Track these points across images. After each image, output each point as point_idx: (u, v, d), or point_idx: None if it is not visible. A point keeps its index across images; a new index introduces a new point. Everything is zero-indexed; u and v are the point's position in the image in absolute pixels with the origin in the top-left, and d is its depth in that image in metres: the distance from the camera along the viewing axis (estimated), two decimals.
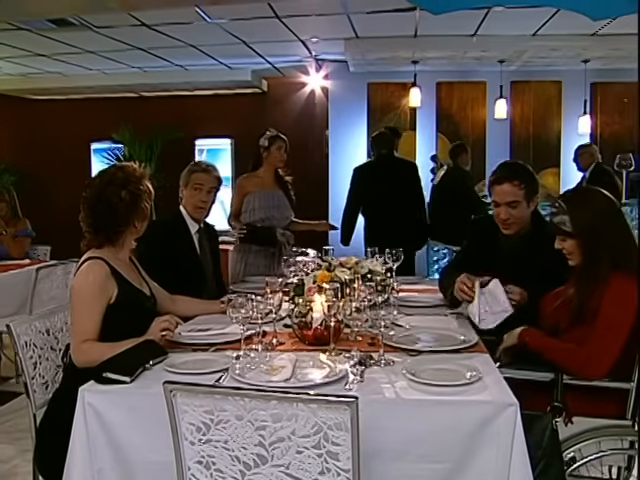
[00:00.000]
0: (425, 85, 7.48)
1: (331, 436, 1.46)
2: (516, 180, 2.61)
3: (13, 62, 7.36)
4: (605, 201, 2.16)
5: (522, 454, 1.58)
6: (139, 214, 2.33)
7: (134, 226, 2.34)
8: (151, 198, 2.40)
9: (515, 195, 2.61)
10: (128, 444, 1.73)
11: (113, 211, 2.25)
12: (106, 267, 2.23)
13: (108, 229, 2.28)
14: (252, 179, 4.35)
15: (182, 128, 8.91)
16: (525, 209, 2.66)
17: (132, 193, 2.28)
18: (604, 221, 2.10)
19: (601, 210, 2.13)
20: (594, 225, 2.09)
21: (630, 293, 1.98)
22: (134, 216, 2.32)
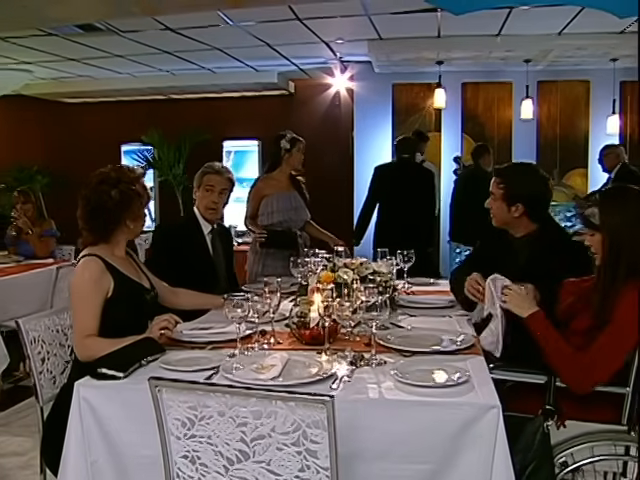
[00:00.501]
0: (450, 86, 7.44)
1: (309, 434, 1.49)
2: (499, 178, 2.68)
3: (45, 67, 7.58)
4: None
5: (504, 456, 1.58)
6: (130, 213, 2.39)
7: (126, 225, 2.41)
8: (145, 200, 2.45)
9: (493, 188, 2.70)
10: (121, 438, 1.78)
11: (103, 209, 2.33)
12: (101, 263, 2.31)
13: (100, 227, 2.36)
14: (269, 181, 4.39)
15: (210, 130, 9.03)
16: (504, 211, 2.65)
17: (123, 192, 2.35)
18: (633, 224, 2.01)
19: (634, 212, 2.03)
20: (621, 224, 2.01)
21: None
22: (125, 215, 2.38)
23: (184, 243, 3.27)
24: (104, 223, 2.36)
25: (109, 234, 2.40)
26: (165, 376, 1.75)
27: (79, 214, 2.39)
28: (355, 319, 2.01)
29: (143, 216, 2.49)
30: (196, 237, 3.36)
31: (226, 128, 9.23)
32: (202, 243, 3.39)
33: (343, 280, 2.55)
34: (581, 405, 1.99)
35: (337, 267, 2.71)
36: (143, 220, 2.50)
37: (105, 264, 2.33)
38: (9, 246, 4.73)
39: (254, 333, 2.21)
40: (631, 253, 1.99)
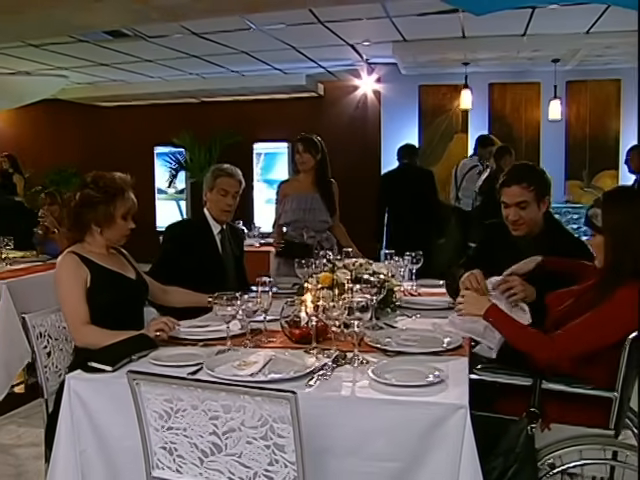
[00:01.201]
0: (477, 87, 7.38)
1: (276, 428, 1.53)
2: (524, 182, 2.60)
3: (79, 72, 7.82)
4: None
5: (472, 457, 1.58)
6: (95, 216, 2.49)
7: (93, 228, 2.52)
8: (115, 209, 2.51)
9: (524, 196, 2.60)
10: (108, 429, 1.86)
11: (71, 209, 2.53)
12: (75, 257, 2.46)
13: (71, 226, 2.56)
14: (292, 183, 4.53)
15: (240, 132, 9.17)
16: (535, 211, 2.63)
17: (84, 195, 2.48)
18: (636, 225, 1.96)
19: (637, 213, 1.98)
20: (624, 226, 1.97)
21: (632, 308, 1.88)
22: (89, 217, 2.49)
23: (194, 242, 3.34)
24: (72, 222, 2.54)
25: (79, 234, 2.55)
26: (152, 371, 1.82)
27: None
28: (341, 319, 2.03)
29: (116, 226, 2.55)
30: (206, 237, 3.43)
31: (256, 130, 9.34)
32: (212, 242, 3.44)
33: (340, 281, 2.59)
34: (568, 408, 1.98)
35: (337, 268, 2.75)
36: (117, 230, 2.56)
37: (80, 258, 2.47)
38: (37, 246, 4.91)
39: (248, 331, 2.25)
40: (634, 254, 1.96)
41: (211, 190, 3.42)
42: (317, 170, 4.45)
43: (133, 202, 2.61)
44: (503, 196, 2.66)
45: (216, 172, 3.47)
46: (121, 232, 2.58)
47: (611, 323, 1.91)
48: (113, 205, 2.52)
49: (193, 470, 1.66)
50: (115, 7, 4.43)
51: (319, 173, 4.46)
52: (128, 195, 2.59)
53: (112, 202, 2.52)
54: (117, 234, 2.58)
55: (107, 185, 2.53)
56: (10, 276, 3.97)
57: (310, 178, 4.42)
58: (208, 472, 1.64)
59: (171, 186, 10.01)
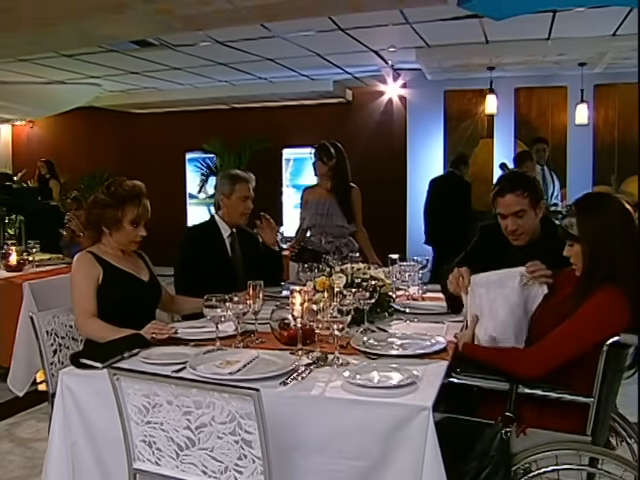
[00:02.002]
0: (503, 91, 7.34)
1: (243, 424, 1.60)
2: (518, 190, 2.57)
3: (111, 80, 8.06)
4: (618, 210, 2.03)
5: (435, 458, 1.61)
6: (104, 220, 2.64)
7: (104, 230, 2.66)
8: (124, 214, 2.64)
9: (520, 204, 2.57)
10: (96, 422, 1.95)
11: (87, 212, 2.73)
12: (89, 256, 2.64)
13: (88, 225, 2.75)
14: (314, 189, 4.68)
15: (270, 138, 9.30)
16: (533, 218, 2.61)
17: (95, 199, 2.67)
18: (611, 230, 1.98)
19: (611, 218, 2.00)
20: (599, 232, 1.98)
21: (607, 308, 1.91)
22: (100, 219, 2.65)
23: (204, 245, 3.45)
24: (87, 222, 2.74)
25: (95, 234, 2.71)
26: (141, 368, 1.91)
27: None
28: (323, 322, 2.08)
29: (124, 231, 2.66)
30: (215, 240, 3.51)
31: (285, 136, 9.46)
32: (221, 245, 3.53)
33: (335, 285, 2.64)
34: (545, 414, 1.98)
35: (334, 272, 2.80)
36: (124, 235, 2.67)
37: (95, 257, 2.63)
38: (64, 249, 5.11)
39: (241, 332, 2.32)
40: (609, 259, 1.96)
41: (229, 196, 3.49)
42: (333, 176, 4.54)
43: (145, 209, 2.70)
44: (498, 207, 2.63)
45: (234, 179, 3.55)
46: (129, 237, 2.68)
47: (588, 327, 1.92)
48: (122, 210, 2.64)
49: (170, 463, 1.74)
50: (139, 18, 4.57)
51: (336, 179, 4.55)
52: (140, 202, 2.68)
53: (121, 207, 2.64)
54: (125, 239, 2.68)
55: (117, 190, 2.66)
56: (33, 277, 4.15)
57: (328, 184, 4.53)
58: (184, 465, 1.72)
59: (202, 191, 10.21)
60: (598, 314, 1.90)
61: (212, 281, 3.10)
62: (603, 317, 1.89)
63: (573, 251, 2.03)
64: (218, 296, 2.22)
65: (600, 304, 1.91)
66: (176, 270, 3.46)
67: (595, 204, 2.09)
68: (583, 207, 2.06)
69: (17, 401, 3.92)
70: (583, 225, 2.00)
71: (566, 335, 1.93)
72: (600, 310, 1.90)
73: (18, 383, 3.85)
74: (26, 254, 4.48)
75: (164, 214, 6.75)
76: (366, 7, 4.61)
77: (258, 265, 3.56)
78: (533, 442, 1.95)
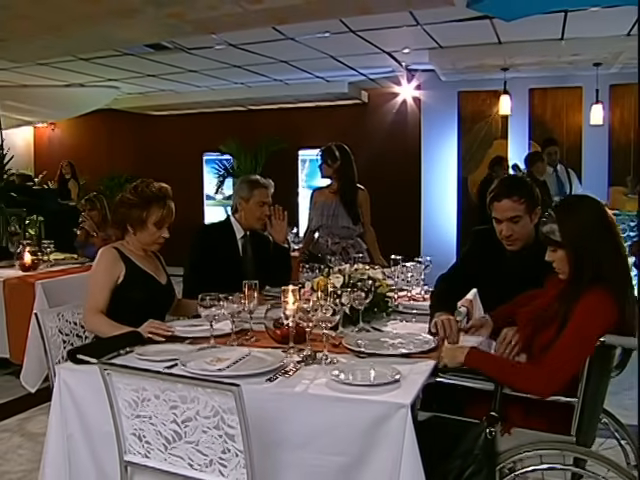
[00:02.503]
0: (517, 92, 7.31)
1: (226, 419, 1.64)
2: (515, 195, 2.56)
3: (129, 83, 8.20)
4: (596, 211, 2.05)
5: (413, 455, 1.64)
6: (130, 219, 2.71)
7: (128, 229, 2.73)
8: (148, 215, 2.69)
9: (516, 210, 2.56)
10: (91, 416, 2.01)
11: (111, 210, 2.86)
12: (114, 252, 2.69)
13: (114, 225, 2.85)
14: (322, 191, 4.74)
15: (286, 139, 9.38)
16: (528, 223, 2.59)
17: (122, 200, 2.73)
18: (592, 231, 2.00)
19: (591, 220, 2.02)
20: (582, 234, 2.00)
21: (599, 312, 1.91)
22: (125, 219, 2.72)
23: (217, 244, 3.51)
24: (113, 219, 2.87)
25: (120, 232, 2.78)
26: (135, 364, 1.98)
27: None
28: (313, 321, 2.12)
29: (147, 231, 2.73)
30: (228, 240, 3.58)
31: (301, 137, 9.52)
32: (234, 246, 3.59)
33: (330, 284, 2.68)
34: (532, 414, 2.00)
35: (332, 272, 2.84)
36: (148, 235, 2.74)
37: (120, 254, 2.69)
38: (78, 249, 5.23)
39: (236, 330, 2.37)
40: (594, 260, 1.97)
41: (247, 201, 3.55)
42: (339, 178, 4.59)
43: (170, 211, 2.76)
44: (494, 212, 2.62)
45: (252, 184, 3.61)
46: (152, 238, 2.74)
47: (587, 334, 1.90)
48: (147, 211, 2.70)
49: (159, 456, 1.80)
50: (150, 22, 4.66)
51: (341, 181, 4.60)
52: (165, 204, 2.74)
53: (146, 207, 2.70)
54: (149, 239, 2.74)
55: (144, 191, 2.73)
56: (46, 277, 4.26)
57: (335, 185, 4.59)
58: (171, 458, 1.78)
59: (218, 192, 10.32)
60: (593, 318, 1.90)
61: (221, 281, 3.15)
62: (598, 320, 1.89)
63: (556, 256, 2.04)
64: (212, 295, 2.27)
65: (592, 307, 1.91)
66: (186, 268, 3.53)
67: (574, 208, 2.09)
68: (563, 212, 2.07)
69: (29, 397, 4.01)
70: (565, 230, 2.01)
71: (569, 347, 1.91)
72: (594, 314, 1.90)
73: (30, 380, 3.95)
74: (40, 254, 4.59)
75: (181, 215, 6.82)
76: (374, 10, 4.65)
77: (269, 266, 3.61)
78: (518, 442, 1.96)
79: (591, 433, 2.02)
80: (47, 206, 7.96)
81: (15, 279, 4.24)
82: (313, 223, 4.65)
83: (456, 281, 2.72)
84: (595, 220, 2.02)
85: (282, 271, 3.73)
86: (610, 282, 1.94)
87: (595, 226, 2.01)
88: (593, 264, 1.96)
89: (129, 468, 1.87)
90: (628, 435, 2.32)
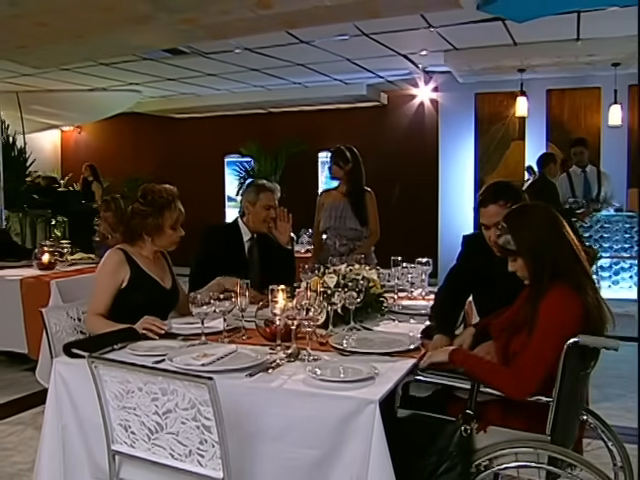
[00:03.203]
0: (535, 93, 7.28)
1: (203, 411, 1.72)
2: (501, 200, 2.58)
3: (150, 86, 8.38)
4: (544, 215, 2.13)
5: (381, 450, 1.69)
6: (145, 227, 2.75)
7: (143, 237, 2.77)
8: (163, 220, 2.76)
9: (502, 215, 2.56)
10: (84, 408, 2.10)
11: (123, 221, 2.86)
12: (121, 254, 2.72)
13: (124, 232, 2.83)
14: (330, 193, 4.81)
15: (306, 141, 9.47)
16: None
17: (135, 210, 2.77)
18: (544, 234, 2.08)
19: (540, 224, 2.10)
20: (534, 239, 2.07)
21: (563, 306, 1.97)
22: (140, 228, 2.75)
23: (224, 244, 3.58)
24: (125, 229, 2.82)
25: (131, 240, 2.81)
26: (127, 359, 2.06)
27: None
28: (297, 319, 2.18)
29: (165, 235, 2.80)
30: (235, 241, 3.64)
31: (321, 139, 9.59)
32: (240, 247, 3.66)
33: (327, 284, 2.75)
34: (509, 413, 2.03)
35: (327, 272, 2.90)
36: (166, 238, 2.81)
37: (127, 257, 2.74)
38: (95, 249, 5.37)
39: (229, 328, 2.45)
40: (550, 261, 2.04)
41: (254, 204, 3.62)
42: (348, 180, 4.64)
43: (181, 212, 2.84)
44: (482, 217, 2.63)
45: (259, 188, 3.69)
46: (170, 240, 2.82)
47: (554, 329, 1.95)
48: (162, 217, 2.76)
49: (143, 446, 1.88)
50: (163, 28, 4.79)
51: (350, 182, 4.65)
52: (175, 206, 2.81)
53: (160, 214, 2.76)
54: (167, 242, 2.83)
55: (155, 199, 2.77)
56: (62, 276, 4.41)
57: (344, 187, 4.64)
58: (154, 448, 1.86)
59: (239, 194, 10.45)
60: (555, 315, 1.95)
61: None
62: (560, 317, 1.94)
63: (517, 265, 2.11)
64: (202, 293, 2.36)
65: (554, 306, 1.97)
66: (192, 267, 3.62)
67: (524, 216, 2.17)
68: (514, 221, 2.15)
69: (45, 392, 4.14)
70: (518, 239, 2.08)
71: (538, 347, 1.96)
72: (555, 311, 1.96)
73: (45, 375, 4.06)
74: (58, 254, 4.74)
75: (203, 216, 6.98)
76: (382, 13, 4.70)
77: (274, 268, 3.68)
78: (495, 440, 1.99)
79: (568, 433, 2.04)
80: (71, 207, 8.18)
81: (32, 278, 4.40)
82: (321, 225, 4.70)
83: (453, 291, 2.74)
84: (545, 223, 2.10)
85: (286, 272, 3.79)
86: (568, 278, 2.01)
87: (546, 229, 2.09)
88: (550, 264, 2.03)
89: (117, 457, 1.96)
90: (614, 437, 2.33)
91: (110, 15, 4.42)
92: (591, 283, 2.03)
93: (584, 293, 1.97)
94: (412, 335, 2.43)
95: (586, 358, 2.01)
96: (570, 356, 1.92)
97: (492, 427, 2.02)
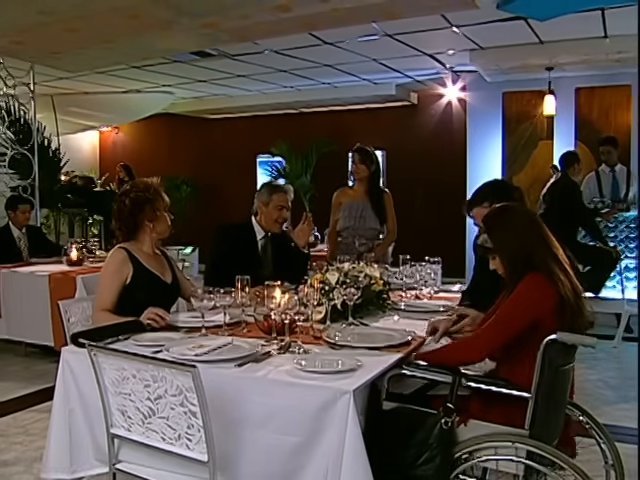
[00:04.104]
0: (563, 92, 7.21)
1: (189, 397, 1.83)
2: (485, 202, 2.70)
3: (182, 88, 8.60)
4: (518, 213, 2.25)
5: (356, 439, 1.77)
6: (146, 215, 2.89)
7: (145, 225, 2.92)
8: (159, 204, 2.92)
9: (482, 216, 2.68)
10: (88, 393, 2.23)
11: (123, 214, 2.90)
12: (124, 253, 2.86)
13: (124, 228, 2.92)
14: (347, 191, 4.86)
15: (336, 141, 9.53)
16: None
17: (133, 199, 2.88)
18: (518, 232, 2.18)
19: (515, 223, 2.20)
20: (509, 237, 2.18)
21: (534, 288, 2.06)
22: (142, 216, 2.90)
23: (237, 242, 3.69)
24: (126, 224, 2.91)
25: (133, 233, 2.95)
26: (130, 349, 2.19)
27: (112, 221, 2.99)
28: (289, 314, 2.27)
29: (162, 218, 2.97)
30: (249, 239, 3.75)
31: (352, 139, 9.57)
32: (253, 245, 3.77)
33: (328, 281, 2.83)
34: (491, 408, 2.08)
35: (330, 269, 2.99)
36: (164, 221, 2.98)
37: (129, 255, 2.88)
38: None
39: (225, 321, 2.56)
40: (525, 256, 2.12)
41: (267, 205, 3.72)
42: (370, 180, 4.71)
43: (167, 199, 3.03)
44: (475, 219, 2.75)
45: (271, 189, 3.79)
46: (166, 224, 3.00)
47: (519, 307, 2.08)
48: (156, 201, 2.94)
49: (138, 430, 2.01)
50: (186, 32, 4.95)
51: (372, 183, 4.72)
52: (163, 193, 3.01)
53: (155, 199, 2.94)
54: (164, 226, 2.99)
55: (147, 186, 2.96)
56: (88, 271, 4.62)
57: (363, 187, 4.71)
58: (148, 432, 1.99)
59: None
60: (526, 294, 2.06)
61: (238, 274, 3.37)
62: (531, 297, 2.05)
63: (497, 263, 2.21)
64: (205, 289, 2.47)
65: (526, 287, 2.08)
66: (207, 265, 3.75)
67: (499, 216, 2.28)
68: (490, 222, 2.27)
69: None
70: (495, 237, 2.20)
71: (501, 318, 2.10)
72: (527, 291, 2.07)
73: None
74: (86, 250, 4.95)
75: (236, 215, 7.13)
76: (399, 14, 4.76)
77: (286, 265, 3.78)
78: (475, 433, 2.05)
79: (549, 428, 2.07)
80: (106, 207, 8.43)
81: (60, 273, 4.62)
82: (340, 225, 4.73)
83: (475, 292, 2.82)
84: (519, 222, 2.20)
85: (298, 271, 3.89)
86: (543, 269, 2.08)
87: (519, 227, 2.19)
88: (524, 258, 2.12)
89: (116, 440, 2.09)
90: (605, 435, 2.35)
91: (135, 21, 4.60)
92: (569, 283, 2.07)
93: (560, 283, 2.04)
94: (408, 331, 2.49)
95: (567, 354, 2.04)
96: (549, 351, 1.96)
97: (473, 421, 2.08)
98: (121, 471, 2.10)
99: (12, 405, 4.11)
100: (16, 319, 4.75)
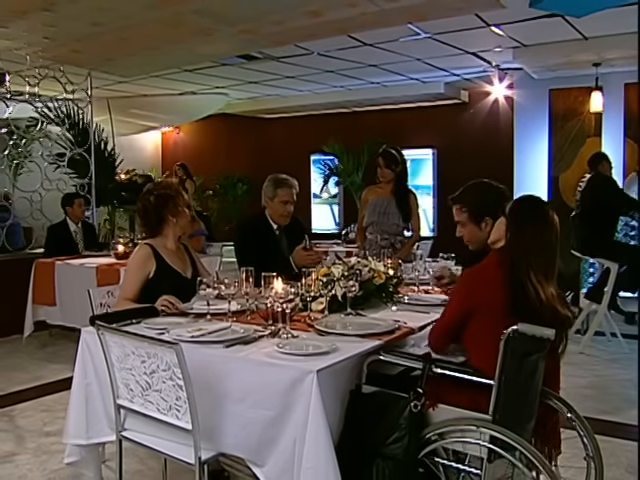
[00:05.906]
0: (612, 88, 7.06)
1: (176, 372, 2.07)
2: (458, 204, 2.83)
3: (235, 89, 8.94)
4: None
5: (318, 415, 1.95)
6: (169, 210, 3.16)
7: (169, 220, 3.18)
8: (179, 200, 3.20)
9: (459, 217, 2.84)
10: (103, 369, 2.51)
11: (148, 211, 3.15)
12: (149, 249, 3.13)
13: (149, 224, 3.18)
14: (373, 189, 5.06)
15: (387, 140, 9.61)
16: (475, 231, 2.80)
17: (157, 196, 3.16)
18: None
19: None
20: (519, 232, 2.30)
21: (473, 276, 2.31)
22: (165, 212, 3.16)
23: (256, 235, 3.89)
24: (150, 221, 3.19)
25: (158, 229, 3.22)
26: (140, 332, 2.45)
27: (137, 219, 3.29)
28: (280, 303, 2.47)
29: (184, 213, 3.24)
30: (266, 232, 3.94)
31: (402, 137, 9.72)
32: (271, 237, 3.95)
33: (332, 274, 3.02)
34: (460, 394, 2.20)
35: (338, 263, 3.17)
36: (185, 217, 3.25)
37: (153, 251, 3.14)
38: None
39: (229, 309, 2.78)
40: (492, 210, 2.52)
41: (272, 199, 3.87)
42: (396, 180, 4.86)
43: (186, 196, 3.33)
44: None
45: (277, 184, 3.90)
46: (187, 219, 3.28)
47: (456, 294, 2.39)
48: (177, 198, 3.23)
49: (139, 401, 2.27)
50: (226, 38, 5.24)
51: (398, 182, 4.88)
52: (182, 191, 3.30)
53: (176, 195, 3.23)
54: (186, 221, 3.27)
55: (168, 184, 3.27)
56: None
57: (390, 186, 4.86)
58: (146, 403, 2.24)
59: (323, 191, 10.81)
60: (463, 282, 2.33)
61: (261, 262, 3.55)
62: (468, 283, 2.31)
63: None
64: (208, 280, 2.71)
65: (466, 274, 2.38)
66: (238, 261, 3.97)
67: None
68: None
69: None
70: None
71: (446, 309, 2.37)
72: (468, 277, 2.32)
73: None
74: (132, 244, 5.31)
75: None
76: (427, 16, 4.89)
77: None
78: (445, 417, 2.19)
79: (514, 415, 2.17)
80: None
81: (106, 265, 5.00)
82: (365, 220, 4.92)
83: None
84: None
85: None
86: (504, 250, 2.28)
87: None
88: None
89: (122, 411, 2.35)
90: (585, 427, 2.42)
91: (177, 29, 4.93)
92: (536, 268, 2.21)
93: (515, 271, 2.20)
94: (396, 321, 2.64)
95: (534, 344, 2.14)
96: (510, 341, 2.08)
97: (442, 405, 2.21)
98: (126, 438, 2.37)
99: (60, 385, 4.50)
100: (69, 307, 5.17)
